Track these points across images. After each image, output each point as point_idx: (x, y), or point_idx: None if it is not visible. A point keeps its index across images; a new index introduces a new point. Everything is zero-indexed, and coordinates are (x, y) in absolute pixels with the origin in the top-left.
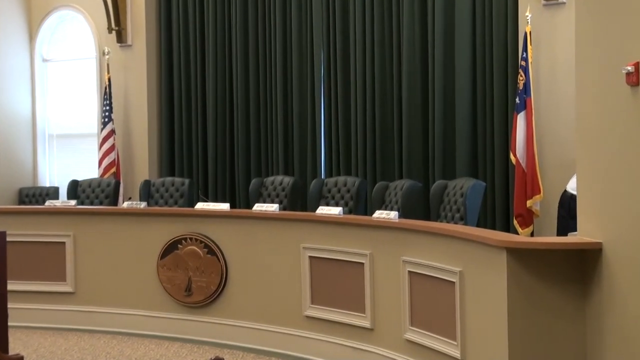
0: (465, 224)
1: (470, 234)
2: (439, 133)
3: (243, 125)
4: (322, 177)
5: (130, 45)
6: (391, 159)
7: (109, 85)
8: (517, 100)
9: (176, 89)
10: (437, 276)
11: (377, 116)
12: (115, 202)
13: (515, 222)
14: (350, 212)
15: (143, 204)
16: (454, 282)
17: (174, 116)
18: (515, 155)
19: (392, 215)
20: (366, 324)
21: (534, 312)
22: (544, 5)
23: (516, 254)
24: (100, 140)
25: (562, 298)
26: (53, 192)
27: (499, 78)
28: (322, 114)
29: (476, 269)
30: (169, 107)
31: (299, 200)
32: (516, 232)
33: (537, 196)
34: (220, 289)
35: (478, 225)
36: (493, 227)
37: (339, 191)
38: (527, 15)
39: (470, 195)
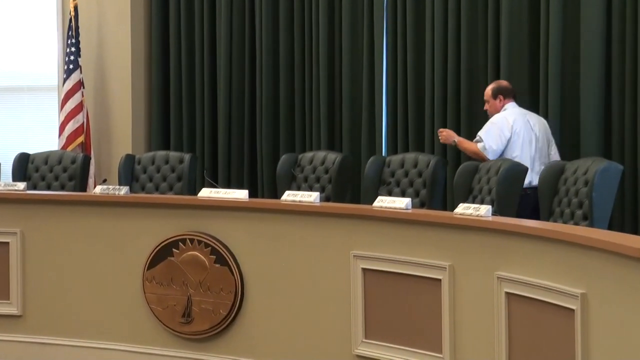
0: (592, 225)
1: (598, 239)
2: (554, 94)
3: (269, 81)
4: (384, 154)
5: None
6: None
7: (76, 17)
8: None
9: (173, 23)
10: (549, 301)
11: (463, 68)
12: (83, 186)
13: None
14: (422, 205)
15: (124, 190)
16: (573, 310)
17: (169, 63)
18: None
19: (483, 210)
20: None
21: None
22: None
23: None
24: (63, 96)
25: None
26: None
27: None
28: (385, 66)
29: (607, 292)
30: (162, 49)
31: (349, 186)
32: None
33: None
34: (233, 314)
35: (610, 228)
36: (634, 231)
37: (406, 174)
38: None
39: (599, 183)
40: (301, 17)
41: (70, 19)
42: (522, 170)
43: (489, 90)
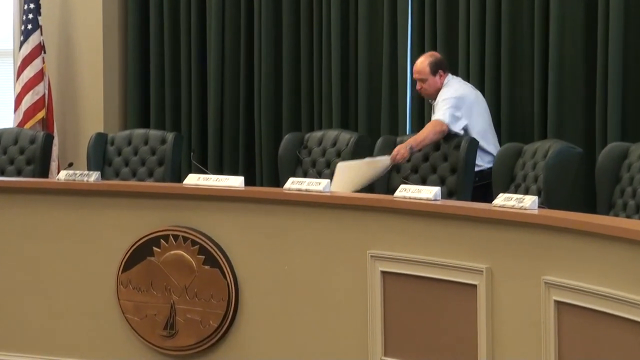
0: None
1: None
2: (615, 60)
3: (269, 45)
4: (408, 133)
5: None
6: (527, 104)
7: None
8: None
9: None
10: (608, 311)
11: (505, 34)
12: (44, 170)
13: None
14: (450, 194)
15: (94, 176)
16: (639, 323)
17: (149, 22)
18: None
19: (528, 202)
20: None
21: None
22: None
23: None
24: (19, 62)
25: None
26: None
27: None
28: (410, 30)
29: None
30: (141, 4)
31: None
32: None
33: None
34: (225, 326)
35: None
36: None
37: (426, 158)
38: None
39: None
40: None
41: None
42: (575, 153)
43: (425, 67)
